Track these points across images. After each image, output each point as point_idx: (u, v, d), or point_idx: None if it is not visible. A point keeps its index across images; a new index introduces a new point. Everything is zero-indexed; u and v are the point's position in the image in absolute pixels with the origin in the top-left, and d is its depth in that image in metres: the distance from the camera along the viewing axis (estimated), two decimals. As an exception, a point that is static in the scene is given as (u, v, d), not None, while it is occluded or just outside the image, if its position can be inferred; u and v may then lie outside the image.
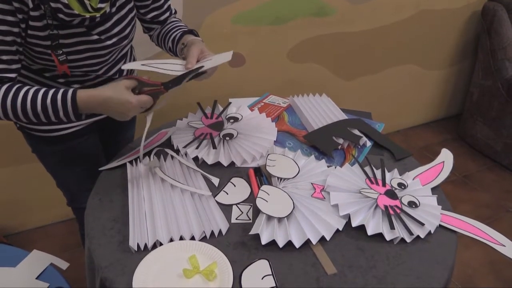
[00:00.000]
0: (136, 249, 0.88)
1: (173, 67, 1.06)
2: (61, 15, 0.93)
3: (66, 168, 1.25)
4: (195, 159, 1.14)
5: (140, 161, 1.10)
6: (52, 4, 0.91)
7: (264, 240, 0.89)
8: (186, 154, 1.15)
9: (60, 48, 0.97)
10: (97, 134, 1.28)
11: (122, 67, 1.08)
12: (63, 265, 1.18)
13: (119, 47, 1.10)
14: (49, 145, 1.19)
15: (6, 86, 0.93)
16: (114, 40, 1.06)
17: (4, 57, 0.92)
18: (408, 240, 0.92)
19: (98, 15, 0.97)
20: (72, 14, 0.93)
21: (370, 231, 0.92)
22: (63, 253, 1.42)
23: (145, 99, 0.96)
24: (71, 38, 0.98)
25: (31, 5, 0.89)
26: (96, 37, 1.01)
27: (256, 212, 0.96)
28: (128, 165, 1.10)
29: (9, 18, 0.88)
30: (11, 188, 1.86)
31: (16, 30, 0.91)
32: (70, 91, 0.94)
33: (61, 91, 0.94)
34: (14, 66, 0.94)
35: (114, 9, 1.02)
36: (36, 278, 1.14)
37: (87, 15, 0.95)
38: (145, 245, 0.88)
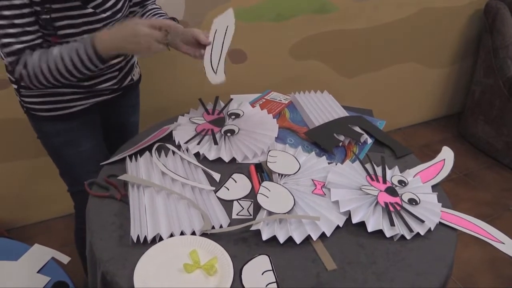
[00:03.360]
0: (135, 241, 0.88)
1: None
2: None
3: (70, 148, 1.26)
4: (197, 155, 1.14)
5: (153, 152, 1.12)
6: None
7: (265, 236, 0.89)
8: (187, 150, 1.16)
9: (54, 22, 1.01)
10: (100, 116, 1.31)
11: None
12: (64, 259, 1.19)
13: (113, 20, 1.11)
14: (55, 124, 1.21)
15: (38, 52, 1.00)
16: (108, 13, 1.08)
17: (29, 28, 0.98)
18: (408, 237, 0.92)
19: None
20: None
21: (370, 228, 0.93)
22: (64, 248, 1.43)
23: (155, 23, 1.01)
24: (67, 11, 1.01)
25: None
26: (90, 10, 1.03)
27: (257, 208, 0.97)
28: (128, 159, 1.11)
29: None
30: (13, 183, 1.86)
31: (27, 0, 0.96)
32: (89, 37, 1.01)
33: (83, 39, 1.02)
34: (33, 28, 1.00)
35: None
36: (38, 272, 1.15)
37: None
38: (145, 238, 0.88)
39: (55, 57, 1.00)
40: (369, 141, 1.23)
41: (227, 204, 1.00)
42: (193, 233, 0.91)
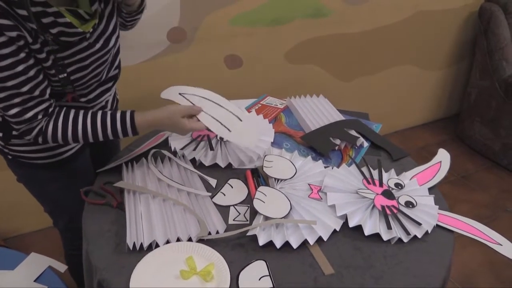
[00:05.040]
0: (131, 248, 0.88)
1: (211, 105, 1.06)
2: (64, 38, 0.89)
3: (67, 191, 1.20)
4: (193, 161, 1.14)
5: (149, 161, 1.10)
6: (53, 31, 0.86)
7: (261, 241, 0.89)
8: (183, 156, 1.15)
9: (65, 71, 0.94)
10: (89, 150, 1.25)
11: (162, 96, 1.07)
12: (61, 267, 1.18)
13: (114, 47, 1.05)
14: (52, 171, 1.15)
15: (62, 113, 0.96)
16: (113, 39, 1.02)
17: (37, 92, 0.90)
18: (405, 240, 0.92)
19: (96, 21, 0.93)
20: (75, 33, 0.89)
21: (367, 231, 0.92)
22: (61, 256, 1.42)
23: (198, 126, 1.01)
24: (76, 55, 0.94)
25: (30, 40, 0.85)
26: (99, 45, 0.98)
27: (254, 213, 0.96)
28: (124, 166, 1.11)
29: (21, 54, 0.85)
30: (9, 192, 1.85)
31: (31, 61, 0.88)
32: (128, 117, 0.98)
33: (118, 114, 0.98)
34: (48, 91, 0.94)
35: (102, 5, 0.97)
36: (34, 281, 1.13)
37: (90, 29, 0.92)
38: (141, 245, 0.88)
39: (83, 125, 0.97)
40: (365, 144, 1.23)
41: (223, 210, 1.00)
42: (190, 239, 0.90)
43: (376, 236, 0.92)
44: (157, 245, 0.89)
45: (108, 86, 1.10)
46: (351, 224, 0.94)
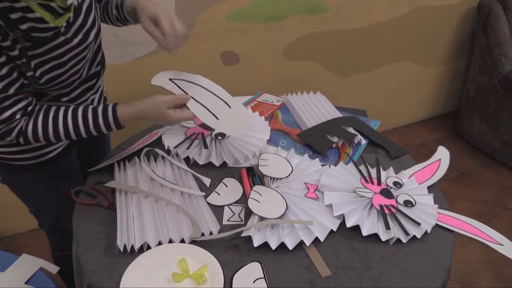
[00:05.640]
0: (122, 250, 0.85)
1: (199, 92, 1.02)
2: (35, 34, 0.84)
3: (52, 192, 1.17)
4: (186, 159, 1.12)
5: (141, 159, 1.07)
6: (22, 27, 0.81)
7: (256, 243, 0.87)
8: (177, 155, 1.13)
9: (30, 68, 0.88)
10: (75, 149, 1.22)
11: (152, 83, 1.02)
12: (53, 269, 1.15)
13: (94, 41, 1.01)
14: (35, 172, 1.12)
15: (42, 111, 0.93)
16: (92, 34, 0.97)
17: (11, 91, 0.87)
18: (404, 240, 0.90)
19: (71, 14, 0.87)
20: (47, 28, 0.85)
21: (365, 232, 0.90)
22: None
23: (185, 116, 0.96)
24: (52, 52, 0.89)
25: None
26: (77, 40, 0.93)
27: (249, 213, 0.94)
28: (116, 165, 1.08)
29: None
30: (3, 191, 1.83)
31: (3, 59, 0.83)
32: (110, 110, 0.94)
33: (100, 108, 0.95)
34: (25, 90, 0.90)
35: None
36: (26, 283, 1.11)
37: (63, 24, 0.86)
38: (132, 247, 0.85)
39: (64, 122, 0.93)
40: (363, 142, 1.21)
41: (217, 210, 0.97)
42: (182, 241, 0.88)
43: (374, 237, 0.90)
44: (148, 247, 0.86)
45: (90, 84, 1.07)
46: (349, 224, 0.91)
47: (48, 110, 0.94)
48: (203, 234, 0.89)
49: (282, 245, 0.87)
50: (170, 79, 1.02)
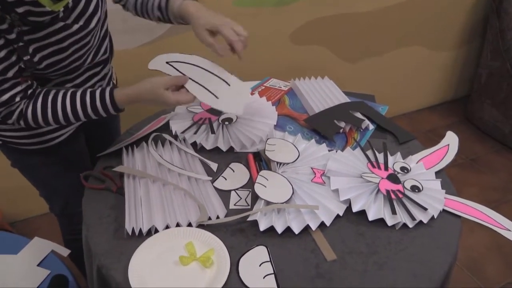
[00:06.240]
0: (130, 234, 0.86)
1: (199, 73, 1.01)
2: (32, 18, 0.84)
3: (60, 177, 1.18)
4: (194, 144, 1.12)
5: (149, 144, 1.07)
6: (19, 10, 0.81)
7: (262, 227, 0.87)
8: (184, 140, 1.13)
9: (28, 52, 0.88)
10: (83, 134, 1.22)
11: (149, 67, 1.01)
12: (64, 252, 1.18)
13: (99, 28, 1.01)
14: (43, 157, 1.13)
15: (41, 94, 0.93)
16: (94, 20, 0.97)
17: (10, 74, 0.87)
18: (410, 226, 0.90)
19: (69, 0, 0.87)
20: (43, 12, 0.84)
21: (371, 216, 0.90)
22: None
23: (184, 98, 0.95)
24: (51, 37, 0.89)
25: None
26: (78, 26, 0.93)
27: (255, 198, 0.94)
28: (124, 150, 1.09)
29: None
30: (15, 175, 1.85)
31: (1, 42, 0.83)
32: (107, 92, 0.93)
33: (98, 91, 0.94)
34: (24, 74, 0.91)
35: None
36: (38, 265, 1.14)
37: (61, 8, 0.86)
38: (140, 231, 0.87)
39: (62, 105, 0.93)
40: (371, 127, 1.20)
41: (224, 194, 0.98)
42: (189, 225, 0.89)
43: (381, 221, 0.90)
44: (156, 231, 0.87)
45: (96, 70, 1.07)
46: (355, 209, 0.92)
47: (47, 93, 0.94)
48: (210, 218, 0.90)
49: (288, 230, 0.87)
50: (167, 62, 1.02)
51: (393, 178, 1.00)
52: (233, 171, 1.05)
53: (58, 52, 0.92)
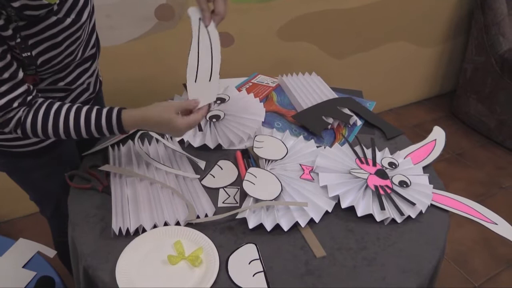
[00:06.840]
0: (117, 233, 0.85)
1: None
2: (28, 12, 0.82)
3: (52, 178, 1.15)
4: (181, 142, 1.11)
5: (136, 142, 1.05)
6: (15, 4, 0.79)
7: (251, 224, 0.87)
8: (171, 138, 1.12)
9: (28, 49, 0.86)
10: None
11: (188, 12, 0.97)
12: (50, 253, 1.16)
13: (88, 21, 0.99)
14: (35, 158, 1.10)
15: (44, 104, 0.90)
16: (85, 14, 0.95)
17: (6, 75, 0.84)
18: (399, 221, 0.90)
19: None
20: (40, 5, 0.82)
21: (360, 212, 0.90)
22: (52, 241, 1.42)
23: (193, 119, 0.92)
24: (46, 32, 0.88)
25: None
26: (70, 20, 0.91)
27: (244, 195, 0.94)
28: (110, 148, 1.07)
29: None
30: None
31: None
32: (115, 112, 0.91)
33: (105, 110, 0.91)
34: (21, 75, 0.87)
35: None
36: (23, 267, 1.12)
37: (56, 1, 0.84)
38: (128, 230, 0.86)
39: (65, 119, 0.90)
40: (359, 123, 1.20)
41: (212, 192, 0.97)
42: (178, 224, 0.88)
43: (369, 217, 0.90)
44: (144, 230, 0.86)
45: (86, 66, 1.05)
46: (344, 205, 0.91)
47: (51, 105, 0.91)
48: (198, 217, 0.89)
49: (277, 227, 0.87)
50: (199, 18, 0.99)
51: (381, 173, 1.00)
52: (221, 169, 1.04)
53: (52, 47, 0.90)
